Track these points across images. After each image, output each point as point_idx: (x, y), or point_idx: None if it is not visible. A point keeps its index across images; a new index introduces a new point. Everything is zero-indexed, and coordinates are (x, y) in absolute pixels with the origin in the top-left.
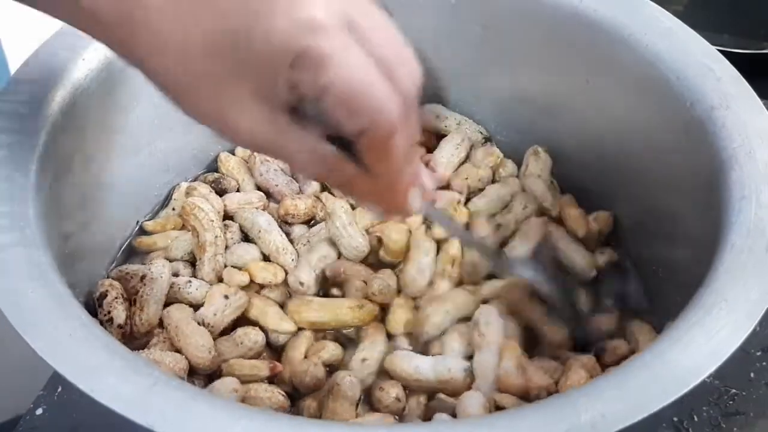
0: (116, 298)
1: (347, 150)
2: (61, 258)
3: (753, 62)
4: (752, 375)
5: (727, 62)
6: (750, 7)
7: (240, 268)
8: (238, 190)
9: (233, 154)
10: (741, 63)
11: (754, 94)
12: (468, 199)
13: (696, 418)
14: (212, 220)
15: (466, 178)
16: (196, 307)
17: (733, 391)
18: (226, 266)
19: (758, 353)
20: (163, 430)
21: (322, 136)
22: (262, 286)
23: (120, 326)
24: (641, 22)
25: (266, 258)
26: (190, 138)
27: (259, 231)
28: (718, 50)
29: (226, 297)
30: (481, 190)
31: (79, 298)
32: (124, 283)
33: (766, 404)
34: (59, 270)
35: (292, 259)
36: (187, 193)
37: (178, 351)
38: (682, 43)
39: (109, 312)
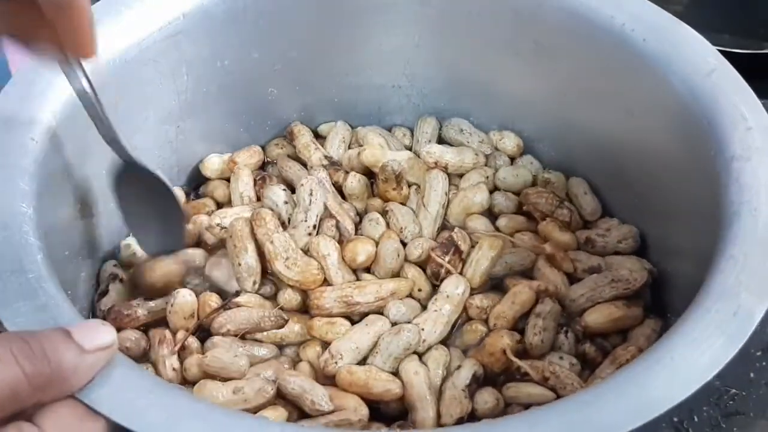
0: None
1: None
2: None
3: (753, 62)
4: (752, 375)
5: (764, 113)
6: (750, 7)
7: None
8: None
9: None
10: (741, 63)
11: None
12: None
13: (696, 418)
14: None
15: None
16: None
17: (733, 391)
18: None
19: (758, 353)
20: None
21: None
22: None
23: None
24: (687, 59)
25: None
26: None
27: None
28: (718, 50)
29: None
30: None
31: None
32: None
33: (766, 404)
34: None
35: None
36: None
37: None
38: (724, 84)
39: None
